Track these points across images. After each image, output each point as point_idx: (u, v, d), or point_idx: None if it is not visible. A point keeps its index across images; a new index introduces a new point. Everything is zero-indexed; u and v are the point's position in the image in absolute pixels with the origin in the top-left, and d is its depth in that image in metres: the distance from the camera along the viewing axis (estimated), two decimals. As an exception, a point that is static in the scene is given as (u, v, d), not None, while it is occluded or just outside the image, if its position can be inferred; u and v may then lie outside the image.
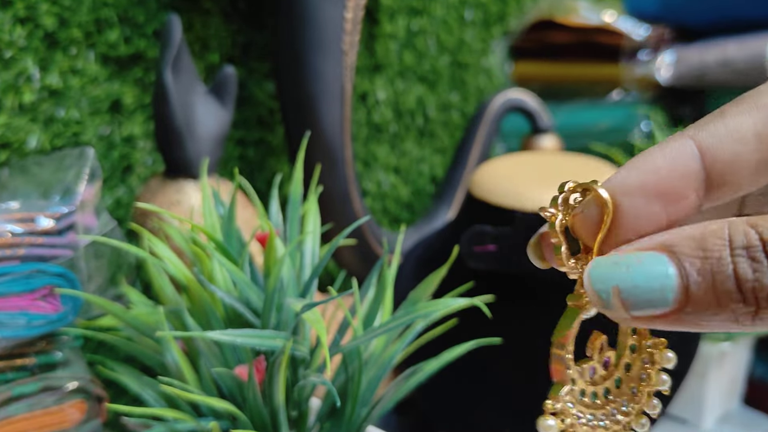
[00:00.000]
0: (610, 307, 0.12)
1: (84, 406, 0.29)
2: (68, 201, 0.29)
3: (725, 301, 0.11)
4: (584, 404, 0.14)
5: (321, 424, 0.26)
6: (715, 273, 0.11)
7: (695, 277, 0.11)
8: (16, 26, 0.33)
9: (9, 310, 0.27)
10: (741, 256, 0.11)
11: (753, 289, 0.11)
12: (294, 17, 0.36)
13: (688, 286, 0.12)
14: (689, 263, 0.12)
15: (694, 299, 0.12)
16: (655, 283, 0.12)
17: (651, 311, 0.12)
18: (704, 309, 0.12)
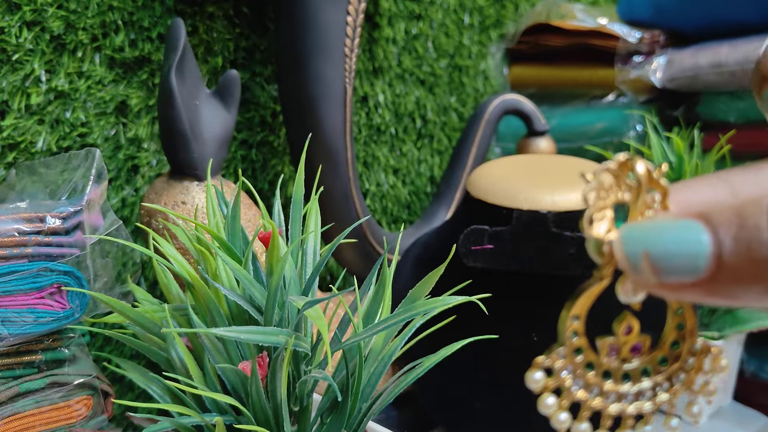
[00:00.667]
0: (638, 271, 0.12)
1: (90, 402, 0.29)
2: (75, 201, 0.30)
3: (760, 270, 0.11)
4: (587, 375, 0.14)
5: (322, 418, 0.26)
6: (750, 240, 0.11)
7: (729, 244, 0.11)
8: (23, 30, 0.33)
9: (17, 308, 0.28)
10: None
11: None
12: (296, 21, 0.37)
13: (721, 254, 0.11)
14: (724, 231, 0.11)
15: (727, 268, 0.11)
16: (687, 249, 0.11)
17: (681, 278, 0.11)
18: (737, 278, 0.11)
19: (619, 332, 0.14)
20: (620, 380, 0.14)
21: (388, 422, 0.30)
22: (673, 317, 0.14)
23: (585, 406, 0.14)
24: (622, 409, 0.14)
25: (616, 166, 0.13)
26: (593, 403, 0.14)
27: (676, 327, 0.15)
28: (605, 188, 0.13)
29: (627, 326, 0.14)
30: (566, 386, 0.14)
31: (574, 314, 0.14)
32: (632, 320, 0.14)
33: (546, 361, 0.14)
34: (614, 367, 0.14)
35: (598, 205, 0.13)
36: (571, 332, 0.14)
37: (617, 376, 0.14)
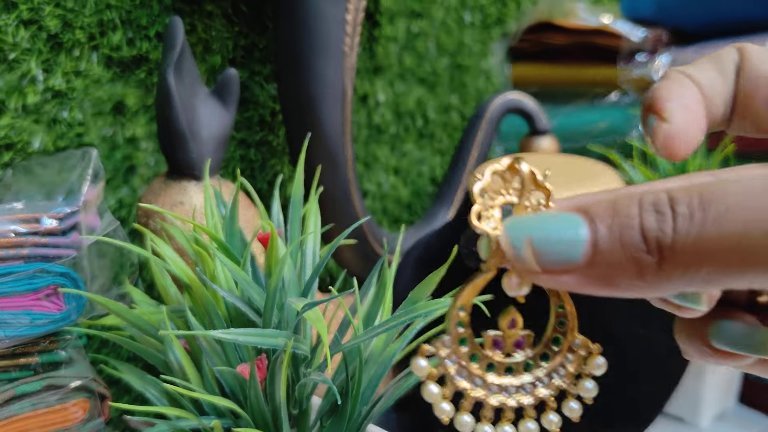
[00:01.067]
0: (521, 256, 0.13)
1: (87, 405, 0.29)
2: (72, 201, 0.30)
3: (630, 252, 0.12)
4: (471, 366, 0.15)
5: (322, 421, 0.26)
6: (622, 227, 0.12)
7: (604, 232, 0.12)
8: (20, 28, 0.33)
9: (13, 310, 0.28)
10: (648, 211, 0.12)
11: (656, 239, 0.12)
12: (295, 20, 0.37)
13: (596, 241, 0.12)
14: (600, 220, 0.12)
15: (602, 253, 0.12)
16: (566, 235, 0.12)
17: (560, 265, 0.12)
18: (611, 264, 0.12)
19: (503, 326, 0.15)
20: (503, 373, 0.15)
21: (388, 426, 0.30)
22: (555, 315, 0.15)
23: (467, 396, 0.15)
24: (503, 401, 0.15)
25: (504, 168, 0.15)
26: (475, 393, 0.15)
27: (557, 324, 0.15)
28: (494, 189, 0.14)
29: (511, 320, 0.15)
30: (450, 375, 0.14)
31: (459, 305, 0.14)
32: (516, 315, 0.15)
33: (431, 349, 0.14)
34: (498, 361, 0.15)
35: (486, 204, 0.14)
36: (456, 322, 0.14)
37: (500, 370, 0.15)
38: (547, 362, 0.15)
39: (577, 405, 0.15)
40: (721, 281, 0.12)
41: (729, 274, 0.11)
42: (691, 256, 0.11)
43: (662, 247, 0.12)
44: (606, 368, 0.15)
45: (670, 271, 0.12)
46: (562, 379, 0.15)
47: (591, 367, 0.15)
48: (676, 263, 0.12)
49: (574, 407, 0.15)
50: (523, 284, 0.14)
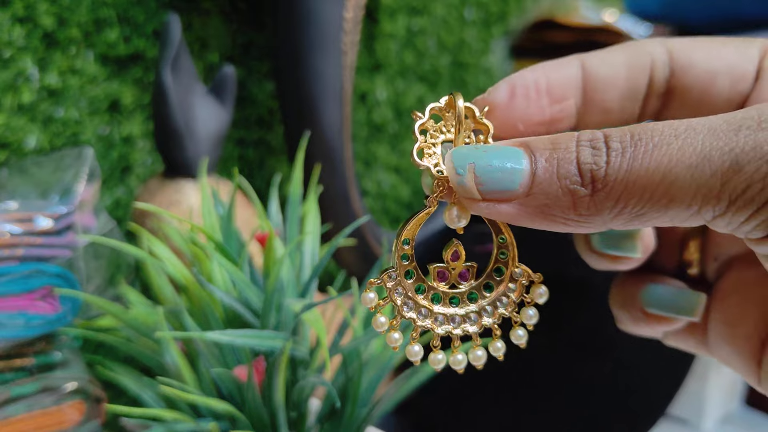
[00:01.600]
0: (463, 183, 0.13)
1: (83, 407, 0.29)
2: (67, 201, 0.29)
3: (565, 183, 0.12)
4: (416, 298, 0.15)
5: (320, 424, 0.26)
6: (560, 160, 0.13)
7: (542, 163, 0.13)
8: (14, 26, 0.32)
9: (7, 311, 0.27)
10: (584, 146, 0.13)
11: (590, 171, 0.12)
12: (294, 17, 0.36)
13: (535, 171, 0.13)
14: (540, 153, 0.13)
15: (539, 182, 0.13)
16: (507, 164, 0.13)
17: (499, 193, 0.13)
18: (547, 192, 0.13)
19: (446, 258, 0.15)
20: (448, 304, 0.15)
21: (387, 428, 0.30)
22: (497, 245, 0.16)
23: (415, 326, 0.15)
24: (449, 330, 0.15)
25: (442, 105, 0.15)
26: (422, 323, 0.15)
27: (499, 255, 0.16)
28: (434, 127, 0.15)
29: (453, 252, 0.15)
30: (397, 306, 0.15)
31: (404, 238, 0.15)
32: (459, 247, 0.15)
33: (378, 282, 0.15)
34: (442, 291, 0.15)
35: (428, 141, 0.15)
36: (400, 255, 0.15)
37: (445, 300, 0.15)
38: (490, 292, 0.16)
39: (523, 332, 0.16)
40: (648, 216, 0.12)
41: (655, 208, 0.12)
42: (621, 189, 0.12)
43: (595, 179, 0.12)
44: (547, 296, 0.16)
45: (601, 203, 0.12)
46: (505, 307, 0.16)
47: (534, 296, 0.16)
48: (607, 196, 0.12)
49: (521, 334, 0.16)
50: (463, 216, 0.14)
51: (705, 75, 0.15)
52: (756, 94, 0.15)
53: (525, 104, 0.15)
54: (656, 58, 0.15)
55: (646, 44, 0.16)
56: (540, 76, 0.15)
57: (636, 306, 0.17)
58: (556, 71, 0.16)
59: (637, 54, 0.15)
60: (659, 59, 0.15)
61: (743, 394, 0.46)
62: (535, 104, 0.15)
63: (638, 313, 0.17)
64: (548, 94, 0.15)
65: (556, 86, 0.15)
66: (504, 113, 0.15)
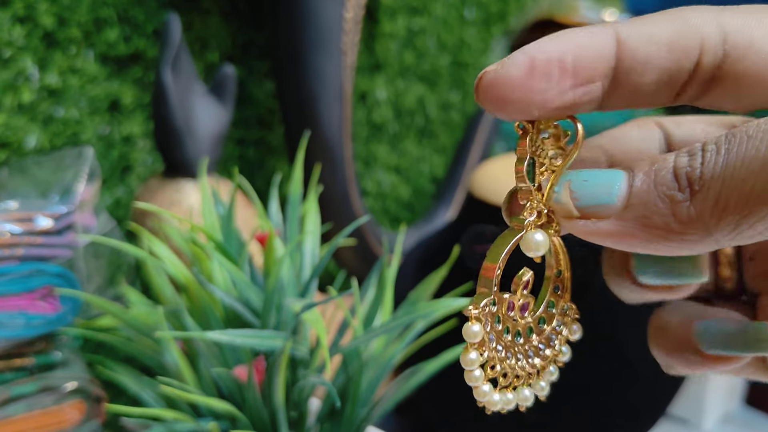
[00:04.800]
0: (559, 199, 0.13)
1: (83, 407, 0.29)
2: (67, 201, 0.29)
3: (662, 190, 0.12)
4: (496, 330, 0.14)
5: (320, 424, 0.26)
6: (657, 170, 0.12)
7: (640, 176, 0.12)
8: (15, 25, 0.32)
9: (8, 311, 0.27)
10: (681, 155, 0.12)
11: (686, 174, 0.12)
12: (294, 16, 0.36)
13: (632, 185, 0.12)
14: (638, 168, 0.13)
15: (636, 193, 0.12)
16: (604, 179, 0.13)
17: (597, 208, 0.13)
18: (645, 202, 0.12)
19: (518, 289, 0.15)
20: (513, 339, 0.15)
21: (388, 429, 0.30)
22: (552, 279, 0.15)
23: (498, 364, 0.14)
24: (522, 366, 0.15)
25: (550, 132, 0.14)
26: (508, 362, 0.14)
27: (553, 289, 0.15)
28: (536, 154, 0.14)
29: (525, 281, 0.15)
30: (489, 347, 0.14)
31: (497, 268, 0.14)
32: (528, 273, 0.15)
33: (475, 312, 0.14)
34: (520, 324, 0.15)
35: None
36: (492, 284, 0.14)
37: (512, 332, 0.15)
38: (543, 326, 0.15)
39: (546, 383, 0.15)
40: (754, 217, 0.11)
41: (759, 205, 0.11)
42: (719, 187, 0.11)
43: (691, 181, 0.12)
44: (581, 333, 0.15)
45: (700, 206, 0.12)
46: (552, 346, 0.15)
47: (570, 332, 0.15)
48: (706, 196, 0.12)
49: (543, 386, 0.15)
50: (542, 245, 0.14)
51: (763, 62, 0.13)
52: None
53: (545, 85, 0.13)
54: (707, 37, 0.13)
55: (695, 17, 0.13)
56: (566, 49, 0.13)
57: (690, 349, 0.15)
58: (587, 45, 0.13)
59: (685, 31, 0.13)
60: (711, 40, 0.13)
61: (743, 394, 0.46)
62: (556, 86, 0.13)
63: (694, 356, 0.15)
64: (573, 75, 0.13)
65: (584, 64, 0.13)
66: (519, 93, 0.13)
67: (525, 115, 0.13)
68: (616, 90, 0.13)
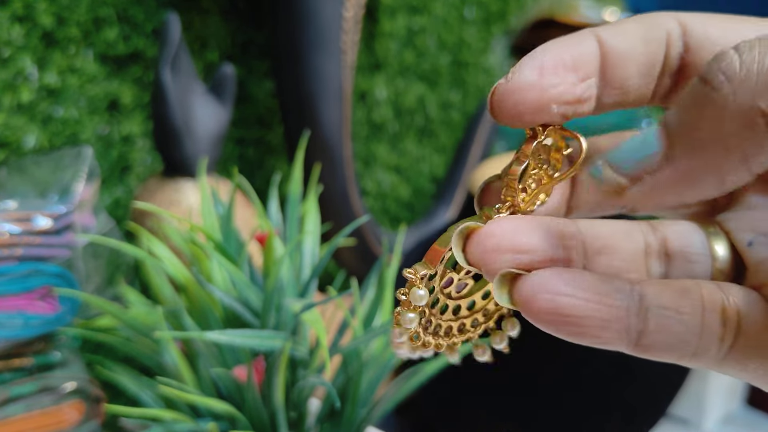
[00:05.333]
0: (601, 176, 0.12)
1: (82, 407, 0.29)
2: (66, 200, 0.29)
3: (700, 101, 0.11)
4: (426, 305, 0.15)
5: (320, 425, 0.25)
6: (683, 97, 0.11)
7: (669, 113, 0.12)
8: (14, 25, 0.32)
9: (6, 311, 0.27)
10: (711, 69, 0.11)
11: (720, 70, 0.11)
12: (293, 16, 0.36)
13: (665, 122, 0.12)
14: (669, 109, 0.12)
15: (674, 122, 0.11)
16: (638, 140, 0.12)
17: (642, 164, 0.12)
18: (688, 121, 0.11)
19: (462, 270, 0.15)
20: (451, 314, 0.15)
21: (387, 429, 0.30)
22: None
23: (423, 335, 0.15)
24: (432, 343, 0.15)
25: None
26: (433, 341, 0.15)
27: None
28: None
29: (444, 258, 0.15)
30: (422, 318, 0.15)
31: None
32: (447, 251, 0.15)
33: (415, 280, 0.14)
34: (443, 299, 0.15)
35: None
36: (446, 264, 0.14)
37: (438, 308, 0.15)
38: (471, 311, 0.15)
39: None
40: None
41: None
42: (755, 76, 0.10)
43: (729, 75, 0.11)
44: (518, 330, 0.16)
45: (743, 91, 0.10)
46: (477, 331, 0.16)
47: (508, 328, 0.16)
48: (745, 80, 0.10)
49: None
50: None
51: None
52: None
53: (557, 81, 0.13)
54: (670, 31, 0.14)
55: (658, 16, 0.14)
56: (563, 51, 0.14)
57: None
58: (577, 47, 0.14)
59: (652, 26, 0.14)
60: (673, 33, 0.14)
61: (744, 394, 0.46)
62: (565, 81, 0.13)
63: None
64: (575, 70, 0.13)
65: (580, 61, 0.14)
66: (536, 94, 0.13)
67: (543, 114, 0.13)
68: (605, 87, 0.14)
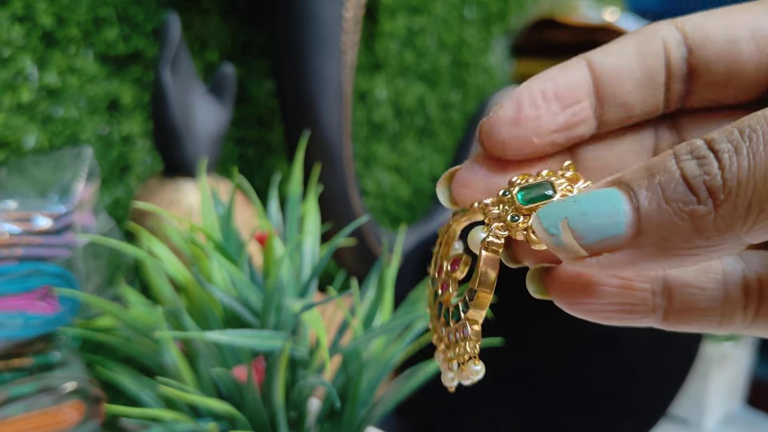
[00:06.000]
0: (560, 242, 0.12)
1: (82, 407, 0.29)
2: (66, 200, 0.29)
3: (679, 207, 0.11)
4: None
5: (320, 425, 0.25)
6: (662, 183, 0.11)
7: (644, 194, 0.11)
8: (14, 25, 0.32)
9: (6, 311, 0.27)
10: (686, 160, 0.11)
11: (704, 183, 0.11)
12: (293, 16, 0.36)
13: (639, 207, 0.11)
14: (637, 185, 0.11)
15: (646, 216, 0.11)
16: (605, 208, 0.11)
17: (605, 242, 0.11)
18: (661, 225, 0.11)
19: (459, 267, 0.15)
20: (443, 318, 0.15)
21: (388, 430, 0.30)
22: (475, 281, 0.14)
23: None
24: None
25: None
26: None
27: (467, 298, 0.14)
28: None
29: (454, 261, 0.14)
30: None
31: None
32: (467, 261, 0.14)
33: None
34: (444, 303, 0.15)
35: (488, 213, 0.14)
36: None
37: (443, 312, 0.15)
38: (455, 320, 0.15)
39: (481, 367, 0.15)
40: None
41: None
42: (751, 191, 0.10)
43: (713, 190, 0.10)
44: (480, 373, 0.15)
45: (730, 216, 0.10)
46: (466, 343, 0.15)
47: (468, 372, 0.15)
48: (735, 205, 0.10)
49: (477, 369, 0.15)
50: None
51: (725, 45, 0.13)
52: None
53: (535, 113, 0.14)
54: (668, 38, 0.14)
55: (654, 27, 0.14)
56: (546, 83, 0.14)
57: None
58: (562, 75, 0.14)
59: (647, 38, 0.14)
60: (672, 39, 0.14)
61: (744, 394, 0.46)
62: (546, 112, 0.14)
63: None
64: (557, 100, 0.14)
65: (564, 90, 0.14)
66: (515, 129, 0.14)
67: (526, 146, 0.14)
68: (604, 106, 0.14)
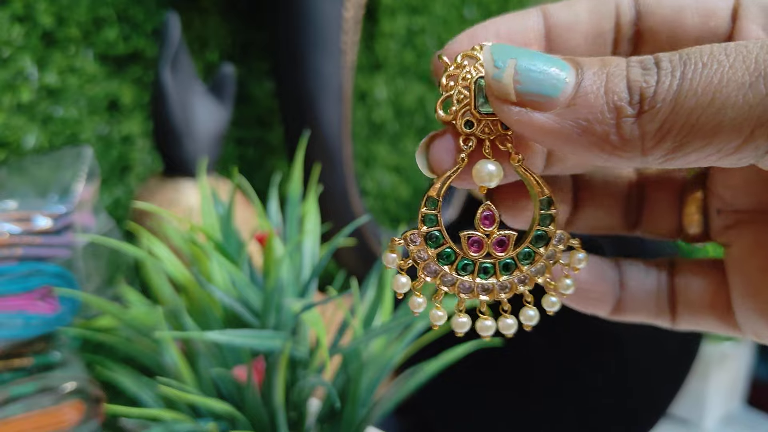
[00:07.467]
0: (500, 77, 0.12)
1: (82, 407, 0.29)
2: (66, 200, 0.29)
3: (612, 98, 0.11)
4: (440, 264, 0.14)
5: (320, 425, 0.25)
6: (609, 74, 0.12)
7: (590, 75, 0.12)
8: (14, 25, 0.32)
9: (6, 311, 0.27)
10: (635, 66, 0.12)
11: (640, 89, 0.11)
12: (293, 16, 0.36)
13: (581, 82, 0.12)
14: (588, 66, 0.12)
15: (583, 93, 0.12)
16: (553, 69, 0.12)
17: (538, 97, 0.12)
18: (590, 105, 0.12)
19: (478, 221, 0.14)
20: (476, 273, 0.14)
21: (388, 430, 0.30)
22: (537, 206, 0.14)
23: (439, 291, 0.14)
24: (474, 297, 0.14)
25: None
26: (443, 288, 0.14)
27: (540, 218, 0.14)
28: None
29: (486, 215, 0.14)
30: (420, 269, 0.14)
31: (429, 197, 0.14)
32: (492, 208, 0.14)
33: (400, 242, 0.14)
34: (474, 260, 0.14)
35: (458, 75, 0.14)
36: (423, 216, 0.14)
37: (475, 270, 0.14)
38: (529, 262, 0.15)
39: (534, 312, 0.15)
40: (689, 148, 0.11)
41: (699, 137, 0.11)
42: (668, 111, 0.11)
43: (644, 98, 0.11)
44: (587, 262, 0.15)
45: (644, 126, 0.11)
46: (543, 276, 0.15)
47: (573, 262, 0.15)
48: (653, 118, 0.11)
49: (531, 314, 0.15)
50: (495, 174, 0.13)
51: (671, 13, 0.14)
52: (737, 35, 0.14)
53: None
54: (620, 2, 0.15)
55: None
56: (501, 25, 0.15)
57: None
58: (517, 19, 0.15)
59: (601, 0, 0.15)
60: (624, 4, 0.15)
61: (744, 394, 0.46)
62: None
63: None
64: (509, 41, 0.15)
65: (517, 33, 0.15)
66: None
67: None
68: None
